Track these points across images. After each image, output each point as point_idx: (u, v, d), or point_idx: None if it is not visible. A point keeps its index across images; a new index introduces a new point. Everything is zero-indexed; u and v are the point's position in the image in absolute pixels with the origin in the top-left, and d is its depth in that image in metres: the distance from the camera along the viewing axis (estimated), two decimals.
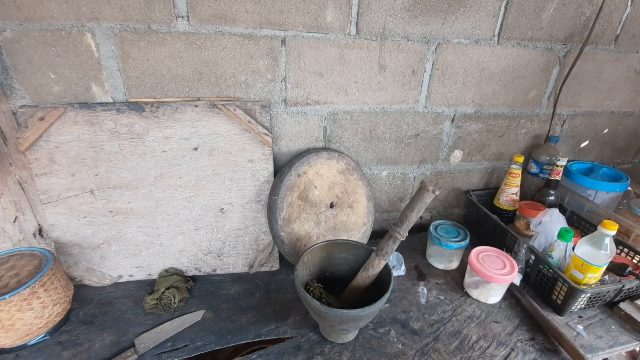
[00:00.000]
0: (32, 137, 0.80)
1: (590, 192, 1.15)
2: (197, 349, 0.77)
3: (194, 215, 0.94)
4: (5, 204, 0.89)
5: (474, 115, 1.11)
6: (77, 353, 0.75)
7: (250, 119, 0.89)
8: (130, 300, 0.89)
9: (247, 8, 0.83)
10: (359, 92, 0.99)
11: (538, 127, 1.19)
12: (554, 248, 0.94)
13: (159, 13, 0.80)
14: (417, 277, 1.02)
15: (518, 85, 1.09)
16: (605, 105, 1.20)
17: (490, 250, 0.96)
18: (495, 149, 1.20)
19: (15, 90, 0.81)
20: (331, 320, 0.72)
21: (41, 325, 0.76)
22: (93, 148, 0.84)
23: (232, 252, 0.99)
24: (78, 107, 0.81)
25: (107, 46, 0.81)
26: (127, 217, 0.91)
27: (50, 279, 0.77)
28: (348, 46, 0.92)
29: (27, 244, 0.94)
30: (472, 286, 0.94)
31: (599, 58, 1.10)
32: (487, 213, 1.14)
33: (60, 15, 0.76)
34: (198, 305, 0.89)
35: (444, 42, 0.98)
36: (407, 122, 1.07)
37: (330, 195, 1.00)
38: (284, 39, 0.88)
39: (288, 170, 0.93)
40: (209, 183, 0.92)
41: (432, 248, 1.06)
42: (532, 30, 1.01)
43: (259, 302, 0.91)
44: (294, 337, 0.82)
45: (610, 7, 1.02)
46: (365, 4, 0.88)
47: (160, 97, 0.88)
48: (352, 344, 0.80)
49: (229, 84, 0.90)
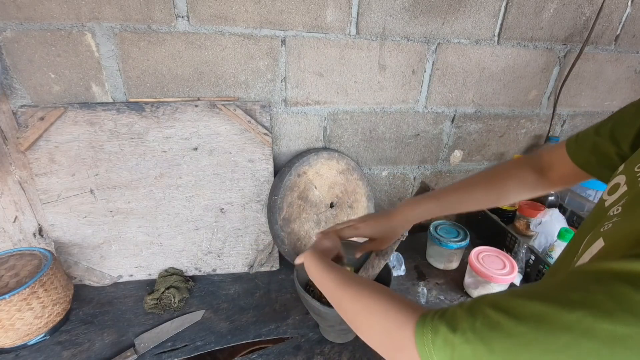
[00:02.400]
0: (32, 137, 0.80)
1: (590, 192, 1.15)
2: (197, 349, 0.77)
3: (194, 215, 0.94)
4: (5, 204, 0.89)
5: (474, 115, 1.11)
6: (77, 353, 0.75)
7: (250, 119, 0.89)
8: (130, 300, 0.89)
9: (247, 8, 0.83)
10: (359, 92, 0.99)
11: (538, 127, 1.19)
12: (554, 248, 0.94)
13: (159, 13, 0.80)
14: (417, 277, 1.02)
15: (518, 85, 1.09)
16: (605, 106, 1.20)
17: (490, 250, 0.96)
18: (495, 149, 1.20)
19: (15, 90, 0.81)
20: (331, 320, 0.72)
21: (41, 325, 0.76)
22: (93, 148, 0.84)
23: (232, 252, 0.99)
24: (78, 107, 0.81)
25: (107, 46, 0.81)
26: (127, 217, 0.91)
27: (50, 278, 0.77)
28: (348, 46, 0.92)
29: (27, 243, 0.94)
30: (472, 286, 0.94)
31: (599, 58, 1.10)
32: (487, 213, 1.14)
33: (60, 15, 0.76)
34: (198, 305, 0.89)
35: (444, 42, 0.98)
36: (407, 122, 1.07)
37: (330, 195, 1.00)
38: (284, 38, 0.88)
39: (288, 170, 0.93)
40: (209, 183, 0.92)
41: (432, 248, 1.06)
42: (532, 30, 1.01)
43: (259, 302, 0.91)
44: (294, 337, 0.81)
45: (610, 7, 1.02)
46: (366, 4, 0.88)
47: (161, 97, 0.88)
48: (352, 344, 0.80)
49: (229, 84, 0.90)
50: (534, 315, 0.28)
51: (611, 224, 0.34)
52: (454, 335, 0.31)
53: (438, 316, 0.34)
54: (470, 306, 0.32)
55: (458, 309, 0.33)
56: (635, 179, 0.35)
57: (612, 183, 0.39)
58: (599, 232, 0.35)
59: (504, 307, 0.30)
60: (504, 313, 0.29)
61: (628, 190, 0.35)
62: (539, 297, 0.29)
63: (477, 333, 0.30)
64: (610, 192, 0.38)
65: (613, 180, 0.39)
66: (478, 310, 0.31)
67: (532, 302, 0.29)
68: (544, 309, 0.27)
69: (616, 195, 0.37)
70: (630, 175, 0.36)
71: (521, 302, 0.29)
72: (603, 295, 0.26)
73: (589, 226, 0.39)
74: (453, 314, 0.33)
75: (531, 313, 0.28)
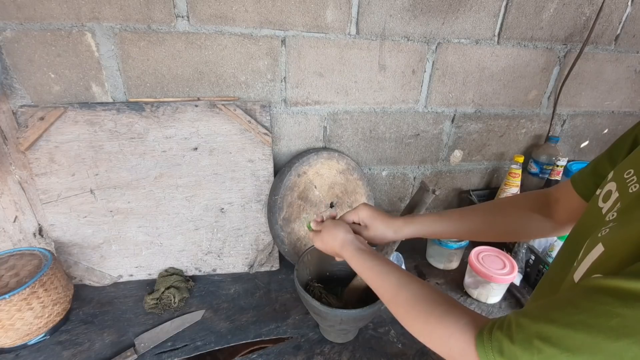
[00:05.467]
0: (32, 137, 0.80)
1: None
2: (197, 349, 0.77)
3: (194, 215, 0.94)
4: (5, 204, 0.89)
5: (474, 115, 1.11)
6: (77, 353, 0.75)
7: (250, 119, 0.89)
8: (130, 300, 0.89)
9: (247, 8, 0.83)
10: (359, 92, 0.99)
11: (538, 127, 1.19)
12: (553, 248, 0.94)
13: (159, 13, 0.80)
14: None
15: (518, 85, 1.09)
16: (605, 105, 1.20)
17: (490, 250, 0.96)
18: (495, 149, 1.20)
19: (15, 90, 0.81)
20: (331, 320, 0.72)
21: (41, 325, 0.76)
22: (93, 148, 0.84)
23: (232, 252, 0.99)
24: (78, 107, 0.81)
25: (107, 46, 0.81)
26: (127, 216, 0.91)
27: (50, 278, 0.77)
28: (348, 46, 0.92)
29: (27, 243, 0.94)
30: (472, 286, 0.94)
31: (599, 58, 1.10)
32: None
33: (60, 15, 0.76)
34: (198, 305, 0.89)
35: (444, 42, 0.98)
36: (407, 122, 1.07)
37: (330, 195, 1.00)
38: (284, 38, 0.88)
39: (288, 170, 0.93)
40: (209, 183, 0.92)
41: (432, 248, 1.06)
42: (532, 30, 1.01)
43: (259, 302, 0.91)
44: (294, 337, 0.81)
45: (611, 7, 1.02)
46: (366, 4, 0.88)
47: (160, 97, 0.88)
48: (352, 344, 0.80)
49: (229, 84, 0.90)
50: (585, 346, 0.29)
51: (608, 229, 0.35)
52: None
53: (497, 351, 0.35)
54: (522, 340, 0.33)
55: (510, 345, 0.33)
56: (625, 185, 0.36)
57: (605, 190, 0.40)
58: (597, 237, 0.36)
59: (554, 340, 0.31)
60: (555, 347, 0.31)
61: (620, 196, 0.37)
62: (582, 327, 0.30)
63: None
64: (604, 199, 0.40)
65: (605, 187, 0.40)
66: (530, 345, 0.32)
67: (577, 332, 0.30)
68: (591, 340, 0.29)
69: (610, 201, 0.38)
70: (620, 182, 0.37)
71: (567, 333, 0.30)
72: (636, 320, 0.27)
73: (587, 231, 0.40)
74: (510, 352, 0.33)
75: (581, 344, 0.29)
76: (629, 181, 0.36)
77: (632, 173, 0.36)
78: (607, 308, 0.29)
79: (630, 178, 0.36)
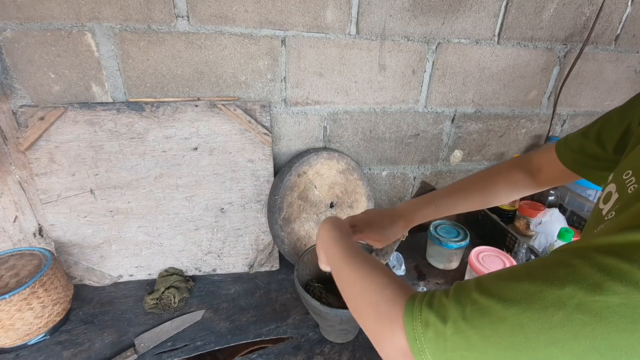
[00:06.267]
0: (32, 137, 0.80)
1: (590, 192, 1.15)
2: (197, 349, 0.77)
3: (194, 215, 0.94)
4: (5, 204, 0.89)
5: (474, 115, 1.11)
6: (77, 353, 0.75)
7: (250, 119, 0.89)
8: (130, 300, 0.89)
9: (247, 8, 0.83)
10: (359, 92, 0.99)
11: (538, 127, 1.19)
12: (554, 248, 0.94)
13: (159, 13, 0.80)
14: (417, 277, 1.02)
15: (518, 85, 1.09)
16: (605, 105, 1.20)
17: (490, 250, 0.96)
18: (495, 149, 1.20)
19: (15, 90, 0.81)
20: (331, 320, 0.72)
21: (41, 325, 0.76)
22: (93, 148, 0.84)
23: (232, 252, 0.99)
24: (78, 107, 0.81)
25: (107, 46, 0.81)
26: (127, 216, 0.91)
27: (50, 278, 0.77)
28: (348, 46, 0.92)
29: (27, 243, 0.94)
30: None
31: (599, 58, 1.10)
32: (487, 213, 1.14)
33: (60, 15, 0.76)
34: (198, 305, 0.89)
35: (444, 42, 0.98)
36: (407, 122, 1.07)
37: (330, 195, 1.00)
38: (284, 38, 0.88)
39: (288, 170, 0.93)
40: (209, 183, 0.92)
41: (432, 248, 1.06)
42: (532, 30, 1.01)
43: (259, 302, 0.91)
44: (294, 337, 0.81)
45: (610, 7, 1.02)
46: (366, 4, 0.88)
47: (160, 97, 0.88)
48: (352, 344, 0.80)
49: (229, 84, 0.90)
50: (524, 295, 0.27)
51: (604, 225, 0.35)
52: (444, 326, 0.31)
53: (426, 304, 0.34)
54: (457, 293, 0.32)
55: (444, 298, 0.33)
56: (624, 186, 0.37)
57: (605, 192, 0.41)
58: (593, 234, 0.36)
59: (492, 291, 0.30)
60: (492, 297, 0.29)
61: (619, 197, 0.37)
62: (526, 277, 0.29)
63: (468, 321, 0.30)
64: (604, 200, 0.41)
65: (606, 189, 0.41)
66: (466, 297, 0.31)
67: (519, 283, 0.29)
68: (532, 288, 0.27)
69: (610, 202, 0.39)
70: (619, 184, 0.38)
71: (508, 284, 0.29)
72: (590, 268, 0.26)
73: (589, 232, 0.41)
74: (440, 302, 0.33)
75: (521, 294, 0.28)
76: (627, 182, 0.37)
77: (631, 174, 0.37)
78: (561, 258, 0.28)
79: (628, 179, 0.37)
